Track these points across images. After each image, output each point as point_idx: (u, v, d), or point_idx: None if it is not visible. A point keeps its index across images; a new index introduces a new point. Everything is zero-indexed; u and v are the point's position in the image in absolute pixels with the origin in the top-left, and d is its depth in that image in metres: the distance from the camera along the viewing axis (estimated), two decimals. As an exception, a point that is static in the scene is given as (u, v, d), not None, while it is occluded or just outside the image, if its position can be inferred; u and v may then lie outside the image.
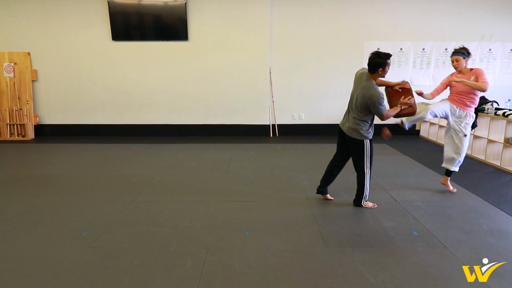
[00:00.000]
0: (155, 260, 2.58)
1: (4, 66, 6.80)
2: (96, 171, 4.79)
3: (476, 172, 4.82)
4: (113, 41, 6.79)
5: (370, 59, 3.22)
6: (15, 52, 6.83)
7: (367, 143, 3.36)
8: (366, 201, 3.56)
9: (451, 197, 3.86)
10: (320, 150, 6.00)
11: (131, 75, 6.96)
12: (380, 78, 3.34)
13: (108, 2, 6.54)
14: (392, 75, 7.09)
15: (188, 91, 7.03)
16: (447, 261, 2.58)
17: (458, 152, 3.83)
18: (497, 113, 5.13)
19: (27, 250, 2.72)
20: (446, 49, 7.01)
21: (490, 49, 7.02)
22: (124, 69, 6.94)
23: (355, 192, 3.54)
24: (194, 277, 2.37)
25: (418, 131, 7.39)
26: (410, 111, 3.36)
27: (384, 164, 5.08)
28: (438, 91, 3.90)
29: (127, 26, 6.74)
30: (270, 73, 6.98)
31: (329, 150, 5.99)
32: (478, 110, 5.44)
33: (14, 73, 6.83)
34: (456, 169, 3.91)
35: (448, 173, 3.97)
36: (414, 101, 3.35)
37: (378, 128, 3.75)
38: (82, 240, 2.87)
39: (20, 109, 6.92)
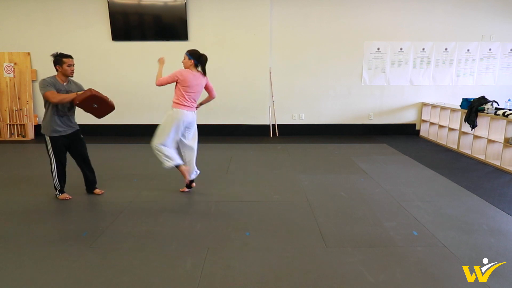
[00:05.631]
0: (155, 260, 2.58)
1: (4, 66, 6.80)
2: (96, 171, 4.78)
3: (476, 172, 4.82)
4: (113, 41, 6.79)
5: None
6: (15, 52, 6.83)
7: (47, 139, 3.53)
8: (59, 193, 3.71)
9: (451, 197, 3.85)
10: (320, 150, 6.00)
11: (131, 75, 6.96)
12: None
13: (108, 2, 6.54)
14: (393, 75, 7.12)
15: (188, 91, 7.03)
16: (447, 261, 2.58)
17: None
18: (497, 113, 5.12)
19: (27, 250, 2.71)
20: (446, 49, 7.01)
21: (490, 49, 7.02)
22: (124, 69, 6.94)
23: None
24: (194, 277, 2.37)
25: (418, 131, 7.38)
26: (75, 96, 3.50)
27: (384, 164, 5.08)
28: (164, 82, 3.89)
29: (127, 26, 6.74)
30: (270, 73, 6.98)
31: (329, 150, 6.02)
32: (478, 110, 5.46)
33: (14, 73, 6.83)
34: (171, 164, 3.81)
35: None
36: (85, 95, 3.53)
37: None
38: (82, 240, 2.87)
39: (20, 109, 6.92)
